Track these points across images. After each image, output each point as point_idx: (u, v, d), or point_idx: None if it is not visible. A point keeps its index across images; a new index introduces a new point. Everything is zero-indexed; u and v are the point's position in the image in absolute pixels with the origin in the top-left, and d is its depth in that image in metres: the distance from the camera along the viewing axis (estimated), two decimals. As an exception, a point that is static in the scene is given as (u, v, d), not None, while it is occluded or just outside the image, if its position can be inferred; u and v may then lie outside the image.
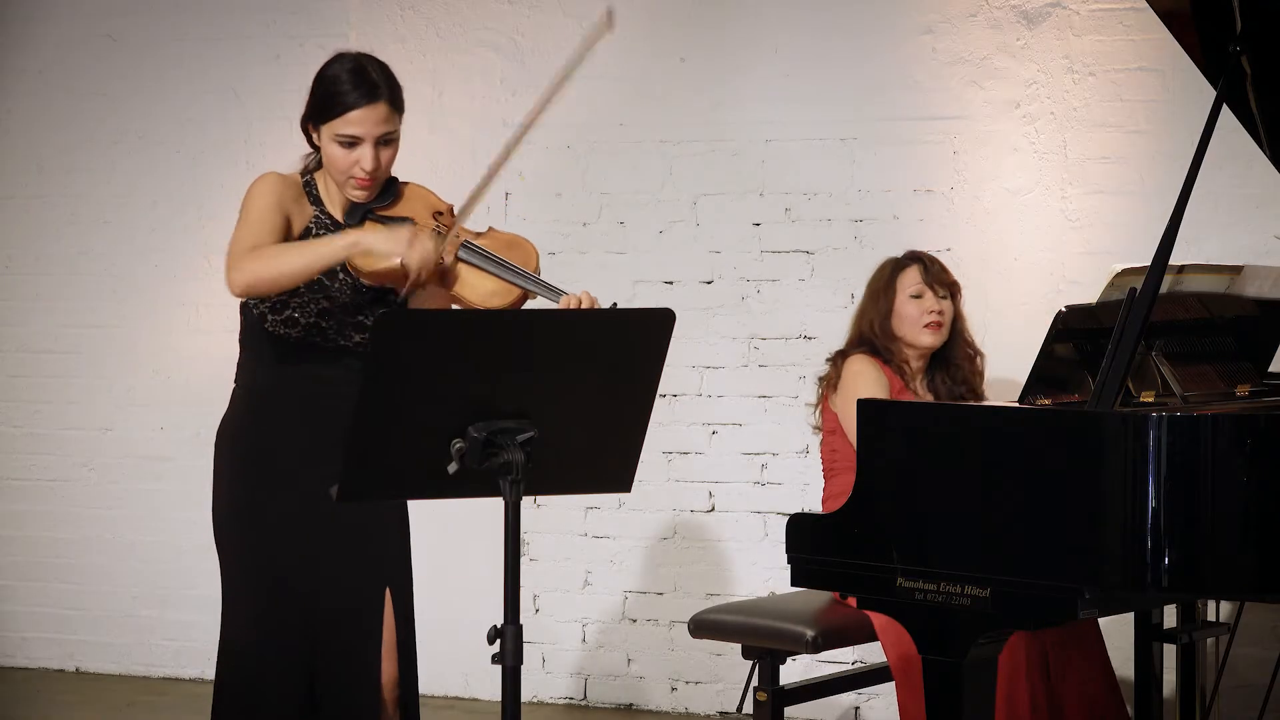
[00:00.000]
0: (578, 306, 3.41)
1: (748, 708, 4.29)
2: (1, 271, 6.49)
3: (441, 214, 3.63)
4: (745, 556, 5.71)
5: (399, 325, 2.90)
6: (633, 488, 3.11)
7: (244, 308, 3.62)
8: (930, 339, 4.56)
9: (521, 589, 2.93)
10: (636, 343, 3.02)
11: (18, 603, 6.45)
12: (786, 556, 3.64)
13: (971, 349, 4.66)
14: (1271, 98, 3.78)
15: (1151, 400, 3.81)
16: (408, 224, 3.50)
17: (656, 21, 5.80)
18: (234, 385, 3.67)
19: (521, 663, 2.87)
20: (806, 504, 5.52)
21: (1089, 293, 3.90)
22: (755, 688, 4.28)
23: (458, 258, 3.53)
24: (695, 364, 5.74)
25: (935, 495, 3.40)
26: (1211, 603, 4.60)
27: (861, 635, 4.39)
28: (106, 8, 6.35)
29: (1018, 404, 3.71)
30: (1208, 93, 3.70)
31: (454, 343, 2.88)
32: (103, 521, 6.37)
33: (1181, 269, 3.91)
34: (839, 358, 4.60)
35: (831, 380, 4.57)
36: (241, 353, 3.66)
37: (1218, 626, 4.61)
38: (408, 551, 3.69)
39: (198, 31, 6.26)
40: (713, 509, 5.76)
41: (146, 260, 6.32)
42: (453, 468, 2.86)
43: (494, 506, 2.87)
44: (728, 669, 5.67)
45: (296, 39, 6.10)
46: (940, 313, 4.57)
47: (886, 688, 4.91)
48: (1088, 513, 3.19)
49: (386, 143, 3.56)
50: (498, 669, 2.88)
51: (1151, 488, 3.13)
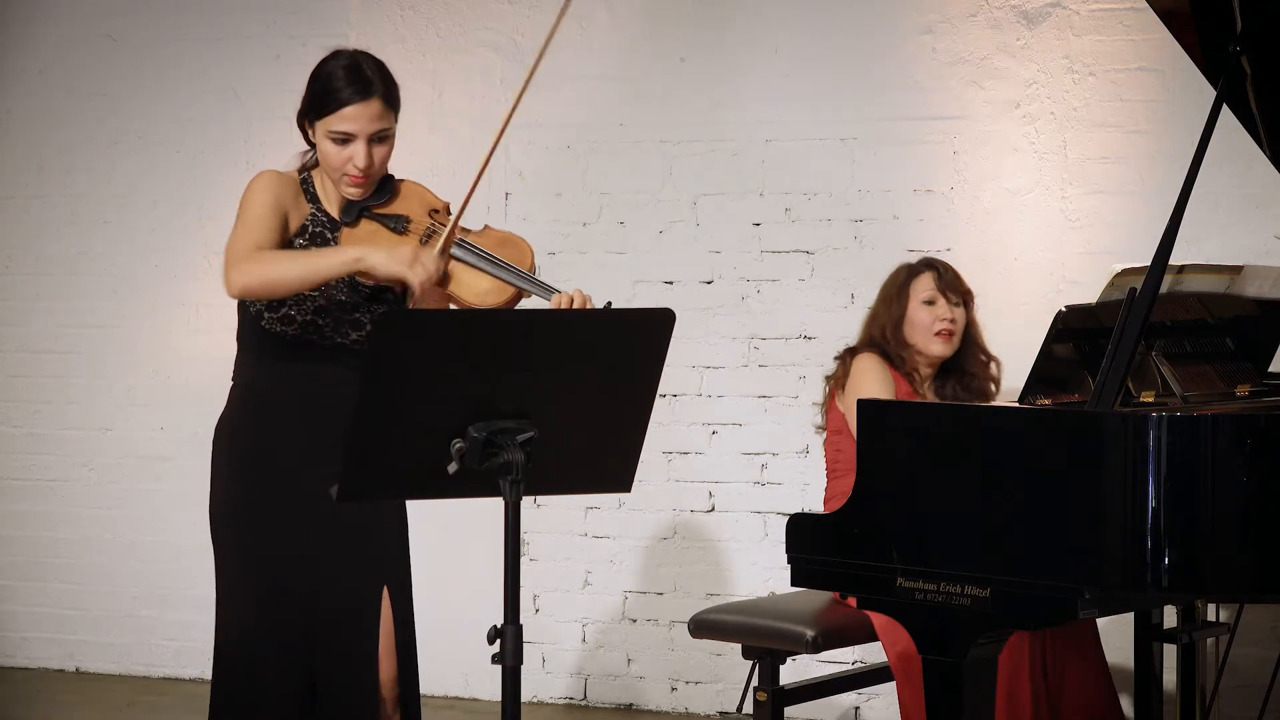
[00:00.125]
0: (569, 305, 3.41)
1: (748, 708, 4.29)
2: (1, 271, 6.49)
3: (437, 211, 3.63)
4: (745, 556, 5.71)
5: (399, 325, 2.89)
6: (633, 488, 3.10)
7: (241, 305, 3.62)
8: (940, 348, 4.55)
9: (521, 589, 2.93)
10: (636, 343, 3.01)
11: (18, 603, 6.45)
12: (786, 556, 3.64)
13: (986, 356, 4.63)
14: (1271, 98, 3.78)
15: (1151, 400, 3.80)
16: (408, 238, 3.50)
17: (656, 21, 5.80)
18: (231, 383, 3.67)
19: (521, 663, 2.87)
20: (806, 504, 5.52)
21: (1089, 293, 3.90)
22: (755, 688, 4.28)
23: (452, 256, 3.53)
24: (695, 364, 5.74)
25: (935, 495, 3.40)
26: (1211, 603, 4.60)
27: (861, 635, 4.39)
28: (106, 8, 6.35)
29: (1018, 404, 3.71)
30: (1208, 93, 3.70)
31: (454, 343, 2.87)
32: (103, 521, 6.36)
33: (1181, 269, 3.90)
34: (848, 355, 4.57)
35: (839, 379, 4.54)
36: (239, 350, 3.66)
37: (1218, 626, 4.61)
38: (406, 551, 3.69)
39: (198, 31, 6.26)
40: (713, 509, 5.76)
41: (146, 260, 6.32)
42: (453, 468, 2.86)
43: (494, 506, 2.87)
44: (728, 669, 5.67)
45: (296, 39, 6.10)
46: (952, 320, 4.55)
47: (886, 688, 4.91)
48: (1088, 513, 3.19)
49: (381, 140, 3.55)
50: (498, 669, 2.87)
51: (1151, 488, 3.13)
